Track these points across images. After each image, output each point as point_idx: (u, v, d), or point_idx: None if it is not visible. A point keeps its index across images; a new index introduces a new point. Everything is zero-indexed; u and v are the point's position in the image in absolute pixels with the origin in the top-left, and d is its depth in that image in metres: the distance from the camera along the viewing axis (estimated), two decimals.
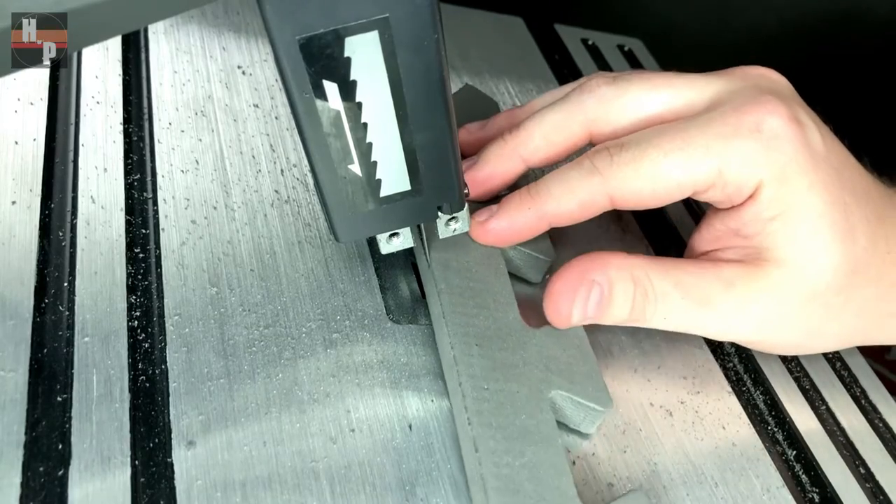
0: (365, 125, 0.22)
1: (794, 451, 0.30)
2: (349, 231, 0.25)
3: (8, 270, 0.24)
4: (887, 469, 0.31)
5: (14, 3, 0.17)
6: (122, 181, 0.28)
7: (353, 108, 0.22)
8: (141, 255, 0.26)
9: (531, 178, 0.29)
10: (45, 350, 0.23)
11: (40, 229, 0.25)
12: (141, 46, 0.33)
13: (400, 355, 0.27)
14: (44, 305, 0.24)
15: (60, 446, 0.21)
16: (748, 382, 0.32)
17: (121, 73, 0.32)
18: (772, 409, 0.32)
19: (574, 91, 0.29)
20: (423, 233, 0.27)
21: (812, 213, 0.27)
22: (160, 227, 0.27)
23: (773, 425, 0.31)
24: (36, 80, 0.30)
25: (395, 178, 0.24)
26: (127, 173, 0.28)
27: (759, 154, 0.26)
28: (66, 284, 0.24)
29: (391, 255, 0.29)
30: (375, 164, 0.23)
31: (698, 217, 0.31)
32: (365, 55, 0.21)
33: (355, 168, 0.23)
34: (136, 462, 0.21)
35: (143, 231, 0.27)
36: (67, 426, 0.21)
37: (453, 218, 0.26)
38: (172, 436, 0.22)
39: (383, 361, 0.26)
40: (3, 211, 0.25)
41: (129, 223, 0.27)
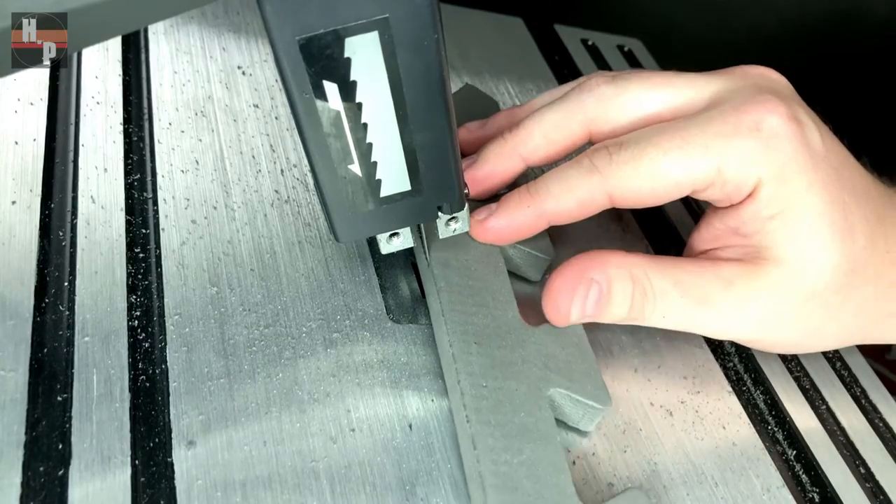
0: (365, 125, 0.22)
1: (795, 451, 0.30)
2: (349, 231, 0.25)
3: (8, 270, 0.24)
4: (887, 469, 0.31)
5: (14, 3, 0.17)
6: (122, 181, 0.28)
7: (353, 109, 0.22)
8: (141, 255, 0.26)
9: (530, 178, 0.29)
10: (46, 350, 0.23)
11: (40, 229, 0.25)
12: (141, 46, 0.33)
13: (400, 355, 0.27)
14: (44, 305, 0.24)
15: (60, 446, 0.21)
16: (748, 382, 0.32)
17: (121, 73, 0.32)
18: (772, 408, 0.32)
19: (573, 90, 0.29)
20: (423, 233, 0.27)
21: (811, 212, 0.27)
22: (160, 227, 0.27)
23: (774, 425, 0.31)
24: (36, 80, 0.30)
25: (395, 178, 0.24)
26: (127, 173, 0.28)
27: (758, 153, 0.26)
28: (66, 284, 0.24)
29: (391, 254, 0.29)
30: (375, 164, 0.23)
31: (698, 216, 0.31)
32: (365, 55, 0.21)
33: (355, 168, 0.23)
34: (137, 462, 0.21)
35: (144, 231, 0.27)
36: (67, 426, 0.21)
37: (453, 218, 0.27)
38: (172, 435, 0.22)
39: (383, 361, 0.26)
40: (3, 211, 0.25)
41: (129, 223, 0.27)
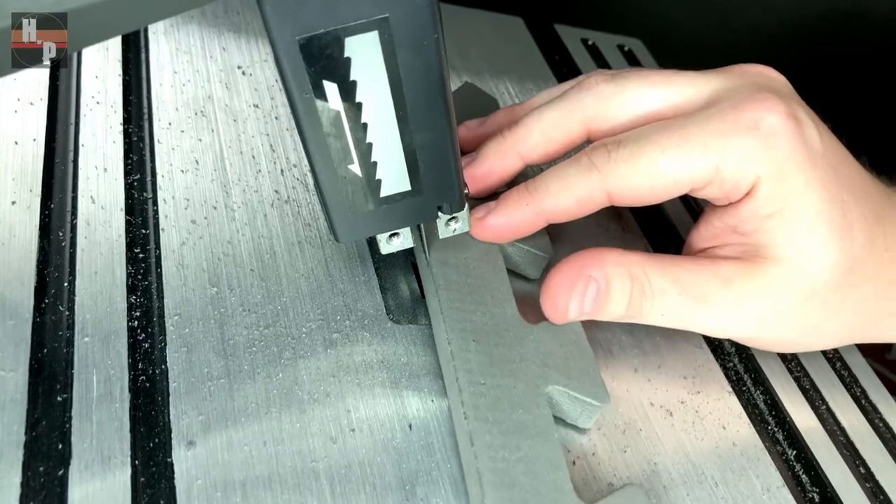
0: (365, 125, 0.22)
1: (795, 451, 0.30)
2: (349, 231, 0.25)
3: (8, 270, 0.24)
4: (887, 469, 0.31)
5: (14, 3, 0.17)
6: (122, 181, 0.28)
7: (353, 109, 0.22)
8: (141, 255, 0.26)
9: (529, 176, 0.29)
10: (45, 350, 0.23)
11: (40, 229, 0.25)
12: (141, 46, 0.33)
13: (400, 355, 0.27)
14: (44, 305, 0.24)
15: (60, 446, 0.21)
16: (748, 382, 0.32)
17: (121, 73, 0.32)
18: (772, 408, 0.32)
19: (573, 88, 0.29)
20: (422, 233, 0.27)
21: (809, 210, 0.27)
22: (160, 227, 0.27)
23: (774, 425, 0.31)
24: (36, 80, 0.30)
25: (395, 178, 0.24)
26: (127, 173, 0.28)
27: (756, 151, 0.26)
28: (66, 284, 0.24)
29: (391, 255, 0.29)
30: (375, 164, 0.23)
31: (697, 215, 0.31)
32: (365, 55, 0.21)
33: (355, 168, 0.23)
34: (136, 462, 0.21)
35: (143, 231, 0.27)
36: (67, 426, 0.21)
37: (453, 218, 0.26)
38: (172, 436, 0.22)
39: (383, 361, 0.26)
40: (3, 211, 0.25)
41: (129, 223, 0.27)
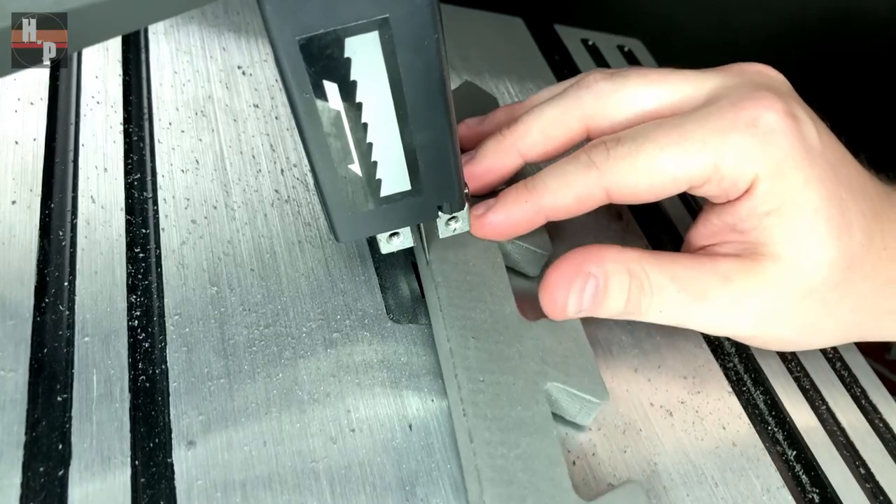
0: (365, 125, 0.22)
1: (795, 451, 0.30)
2: (349, 231, 0.25)
3: (8, 270, 0.24)
4: (887, 469, 0.31)
5: (14, 3, 0.17)
6: (122, 181, 0.28)
7: (353, 109, 0.22)
8: (141, 255, 0.26)
9: (529, 175, 0.29)
10: (46, 350, 0.23)
11: (40, 229, 0.25)
12: (141, 46, 0.33)
13: (400, 355, 0.27)
14: (44, 305, 0.24)
15: (60, 446, 0.21)
16: (748, 382, 0.32)
17: (121, 73, 0.32)
18: (772, 408, 0.32)
19: (572, 87, 0.29)
20: (422, 232, 0.27)
21: (808, 208, 0.27)
22: (160, 227, 0.27)
23: (774, 425, 0.31)
24: (36, 80, 0.30)
25: (395, 177, 0.24)
26: (127, 173, 0.28)
27: (754, 149, 0.26)
28: (66, 284, 0.24)
29: (391, 254, 0.29)
30: (375, 163, 0.23)
31: (696, 215, 0.31)
32: (365, 55, 0.21)
33: (355, 168, 0.23)
34: (137, 462, 0.21)
35: (144, 231, 0.27)
36: (67, 426, 0.21)
37: (453, 217, 0.26)
38: (172, 436, 0.22)
39: (383, 361, 0.26)
40: (3, 211, 0.25)
41: (129, 223, 0.27)
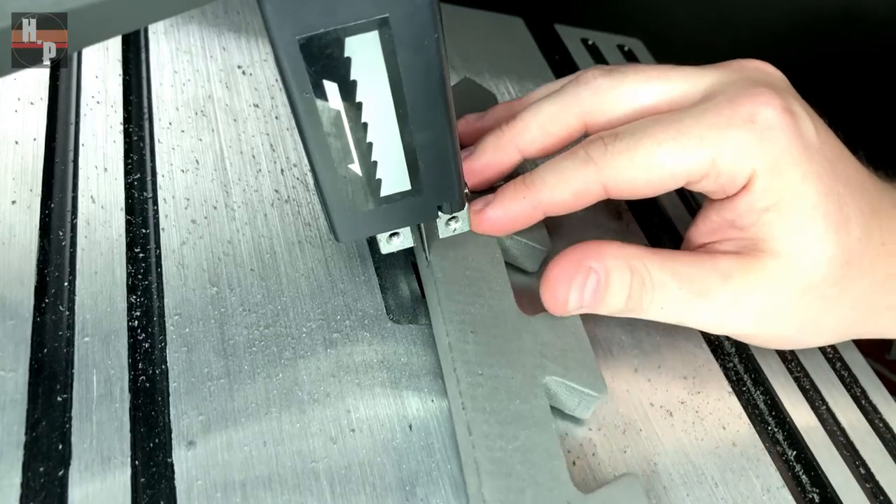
0: (365, 125, 0.22)
1: (795, 452, 0.30)
2: (349, 231, 0.25)
3: (8, 270, 0.24)
4: (887, 469, 0.31)
5: (14, 3, 0.17)
6: (122, 181, 0.28)
7: (353, 108, 0.22)
8: (141, 255, 0.26)
9: (527, 170, 0.29)
10: (45, 350, 0.23)
11: (40, 229, 0.25)
12: (141, 46, 0.33)
13: (400, 355, 0.27)
14: (44, 305, 0.24)
15: (60, 446, 0.21)
16: (748, 382, 0.32)
17: (121, 73, 0.32)
18: (772, 409, 0.32)
19: (570, 83, 0.29)
20: (423, 232, 0.27)
21: (806, 203, 0.27)
22: (160, 227, 0.27)
23: (774, 425, 0.31)
24: (36, 80, 0.30)
25: (395, 177, 0.24)
26: (127, 173, 0.28)
27: (752, 144, 0.26)
28: (66, 284, 0.24)
29: (391, 254, 0.29)
30: (375, 163, 0.23)
31: (696, 213, 0.31)
32: (365, 55, 0.21)
33: (355, 168, 0.23)
34: (137, 462, 0.21)
35: (144, 231, 0.27)
36: (67, 426, 0.21)
37: (453, 217, 0.26)
38: (172, 436, 0.22)
39: (383, 361, 0.26)
40: (3, 211, 0.25)
41: (129, 223, 0.27)
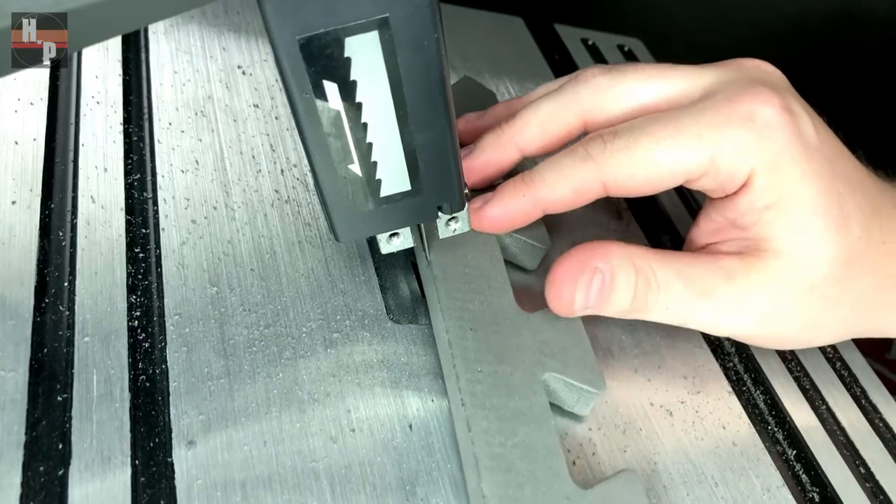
0: (365, 125, 0.22)
1: (795, 451, 0.30)
2: (349, 231, 0.25)
3: (8, 270, 0.24)
4: (887, 469, 0.31)
5: (14, 3, 0.17)
6: (122, 181, 0.28)
7: (353, 108, 0.22)
8: (141, 255, 0.26)
9: (527, 169, 0.29)
10: (46, 350, 0.23)
11: (40, 229, 0.25)
12: (141, 46, 0.33)
13: (400, 355, 0.27)
14: (44, 305, 0.24)
15: (60, 446, 0.21)
16: (748, 382, 0.32)
17: (121, 73, 0.32)
18: (772, 408, 0.32)
19: (570, 81, 0.30)
20: (423, 232, 0.27)
21: (806, 202, 0.27)
22: (160, 227, 0.27)
23: (774, 425, 0.31)
24: (36, 80, 0.30)
25: (395, 178, 0.24)
26: (127, 173, 0.28)
27: (751, 142, 0.26)
28: (66, 284, 0.24)
29: (391, 254, 0.29)
30: (375, 164, 0.23)
31: (697, 214, 0.31)
32: (365, 55, 0.21)
33: (355, 168, 0.23)
34: (137, 462, 0.21)
35: (144, 231, 0.27)
36: (67, 426, 0.21)
37: (453, 218, 0.26)
38: (173, 435, 0.22)
39: (383, 361, 0.26)
40: (3, 211, 0.25)
41: (129, 223, 0.27)
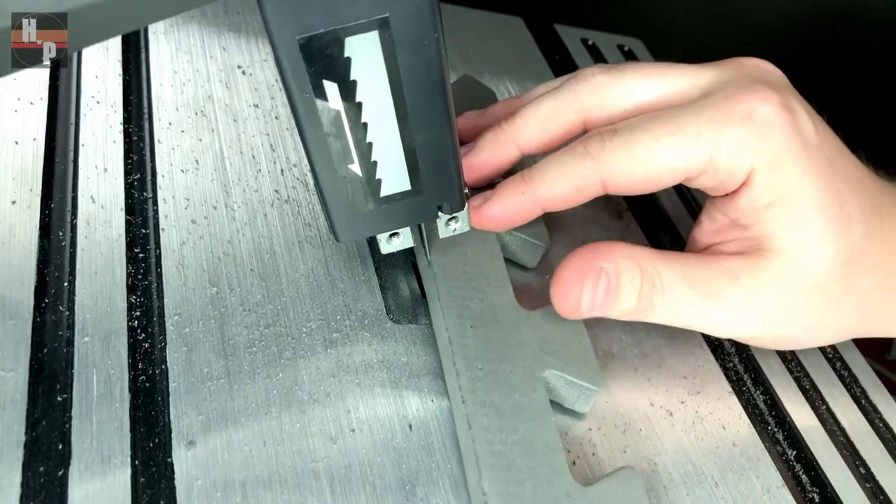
0: (365, 125, 0.22)
1: (795, 451, 0.30)
2: (349, 231, 0.25)
3: (8, 270, 0.24)
4: (887, 469, 0.31)
5: (14, 3, 0.17)
6: (122, 181, 0.28)
7: (353, 108, 0.22)
8: (141, 255, 0.26)
9: (527, 167, 0.29)
10: (45, 350, 0.23)
11: (40, 229, 0.25)
12: (141, 46, 0.33)
13: (400, 355, 0.27)
14: (44, 305, 0.24)
15: (60, 446, 0.21)
16: (748, 382, 0.32)
17: (121, 73, 0.32)
18: (772, 408, 0.32)
19: (569, 80, 0.30)
20: (423, 232, 0.27)
21: (806, 200, 0.27)
22: (160, 227, 0.27)
23: (774, 425, 0.31)
24: (36, 80, 0.30)
25: (395, 177, 0.24)
26: (127, 173, 0.28)
27: (750, 140, 0.26)
28: (66, 284, 0.24)
29: (391, 254, 0.29)
30: (375, 163, 0.23)
31: (698, 214, 0.31)
32: (365, 55, 0.21)
33: (355, 168, 0.23)
34: (136, 462, 0.21)
35: (143, 231, 0.27)
36: (67, 426, 0.21)
37: (453, 218, 0.26)
38: (172, 436, 0.22)
39: (383, 361, 0.26)
40: (3, 211, 0.25)
41: (129, 223, 0.27)
